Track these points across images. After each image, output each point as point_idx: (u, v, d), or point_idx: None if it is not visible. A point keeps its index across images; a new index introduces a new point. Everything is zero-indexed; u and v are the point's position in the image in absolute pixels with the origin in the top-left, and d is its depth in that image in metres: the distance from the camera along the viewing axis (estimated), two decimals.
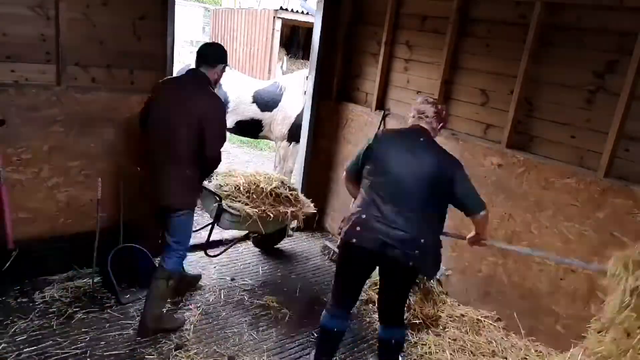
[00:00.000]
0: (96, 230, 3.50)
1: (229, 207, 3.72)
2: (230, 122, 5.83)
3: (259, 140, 8.10)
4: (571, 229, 3.20)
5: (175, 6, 3.72)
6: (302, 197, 4.35)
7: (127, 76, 3.64)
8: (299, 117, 5.69)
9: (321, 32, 4.86)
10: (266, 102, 5.87)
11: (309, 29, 11.58)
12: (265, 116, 5.90)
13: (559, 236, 3.27)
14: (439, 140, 2.83)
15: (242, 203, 3.81)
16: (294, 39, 13.55)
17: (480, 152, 3.70)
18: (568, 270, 3.21)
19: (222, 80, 5.87)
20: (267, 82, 6.32)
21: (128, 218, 3.76)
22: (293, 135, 5.82)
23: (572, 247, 3.19)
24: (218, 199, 3.79)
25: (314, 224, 5.12)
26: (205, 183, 3.92)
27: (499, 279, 3.68)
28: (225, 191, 3.88)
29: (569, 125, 3.28)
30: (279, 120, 5.87)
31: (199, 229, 4.23)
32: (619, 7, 2.99)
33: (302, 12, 11.67)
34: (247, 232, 4.36)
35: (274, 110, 5.87)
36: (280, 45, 11.86)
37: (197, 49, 3.20)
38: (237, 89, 5.90)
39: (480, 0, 3.75)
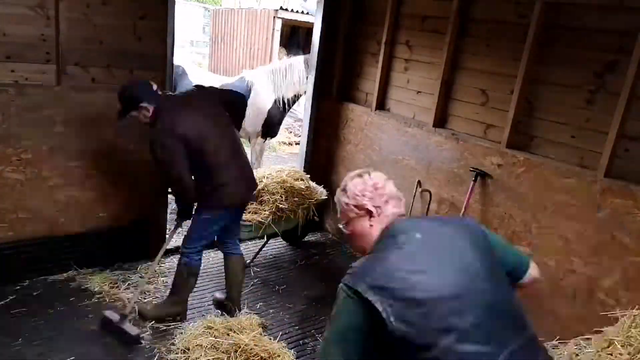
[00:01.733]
0: (96, 230, 3.51)
1: (242, 220, 3.95)
2: None
3: None
4: (571, 229, 3.20)
5: (175, 6, 3.73)
6: (312, 184, 4.52)
7: (127, 76, 3.63)
8: (271, 112, 5.75)
9: (321, 32, 4.86)
10: None
11: (309, 29, 11.58)
12: None
13: (559, 236, 3.27)
14: (438, 140, 2.77)
15: (252, 212, 4.06)
16: (294, 39, 13.56)
17: (480, 152, 3.70)
18: (568, 271, 3.21)
19: (189, 73, 5.87)
20: (233, 78, 6.20)
21: (127, 218, 3.75)
22: (267, 131, 5.86)
23: (572, 247, 3.19)
24: None
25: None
26: None
27: None
28: None
29: (569, 125, 3.28)
30: (252, 116, 5.75)
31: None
32: (619, 7, 2.98)
33: (302, 12, 11.69)
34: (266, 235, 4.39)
35: None
36: (280, 45, 11.86)
37: (197, 49, 3.20)
38: (204, 81, 5.84)
39: (480, 0, 3.76)
